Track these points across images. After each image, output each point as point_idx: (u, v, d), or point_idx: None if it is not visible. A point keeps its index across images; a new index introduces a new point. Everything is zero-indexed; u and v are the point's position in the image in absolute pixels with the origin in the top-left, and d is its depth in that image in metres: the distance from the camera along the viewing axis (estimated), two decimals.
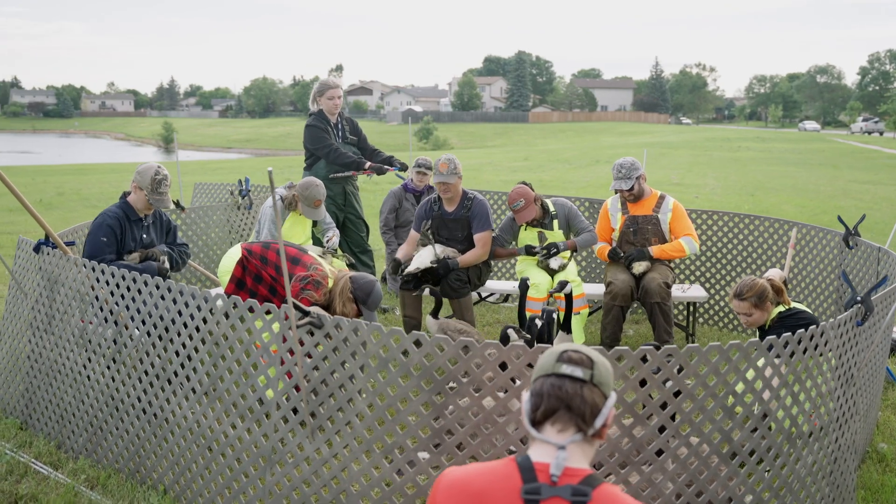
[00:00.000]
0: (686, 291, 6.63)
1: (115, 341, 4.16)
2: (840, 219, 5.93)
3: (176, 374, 3.88)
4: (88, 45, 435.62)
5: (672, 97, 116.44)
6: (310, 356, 3.43)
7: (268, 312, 3.55)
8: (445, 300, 6.07)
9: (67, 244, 4.73)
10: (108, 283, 4.17)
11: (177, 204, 6.62)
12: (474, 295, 7.02)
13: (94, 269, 4.25)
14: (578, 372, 2.04)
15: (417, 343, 3.17)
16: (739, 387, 3.34)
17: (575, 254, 6.58)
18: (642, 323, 7.30)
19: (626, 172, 6.19)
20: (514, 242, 6.56)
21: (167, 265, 5.26)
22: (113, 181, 21.18)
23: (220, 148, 74.77)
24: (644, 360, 3.16)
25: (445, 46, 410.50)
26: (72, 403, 4.43)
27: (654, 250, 6.15)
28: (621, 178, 6.20)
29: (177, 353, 3.88)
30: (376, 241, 9.49)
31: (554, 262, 6.23)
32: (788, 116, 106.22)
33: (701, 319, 7.29)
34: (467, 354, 3.11)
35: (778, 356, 3.33)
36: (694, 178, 22.93)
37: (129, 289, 4.06)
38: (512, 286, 6.93)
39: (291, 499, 3.50)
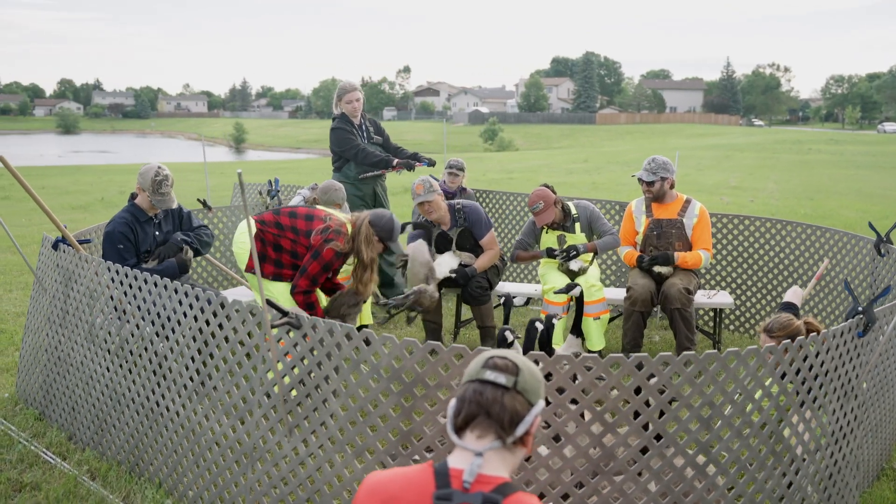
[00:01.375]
0: (712, 297, 6.47)
1: (117, 336, 4.28)
2: (871, 225, 5.71)
3: (170, 369, 3.97)
4: (165, 48, 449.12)
5: (744, 98, 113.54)
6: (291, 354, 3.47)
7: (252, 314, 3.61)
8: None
9: (83, 242, 4.89)
10: (112, 279, 4.30)
11: (203, 203, 6.76)
12: (495, 298, 6.99)
13: (100, 265, 4.38)
14: (501, 378, 2.02)
15: (386, 345, 3.18)
16: (717, 398, 3.25)
17: (597, 257, 6.50)
18: (669, 329, 7.15)
19: (654, 168, 6.09)
20: (536, 245, 6.52)
21: (190, 254, 5.35)
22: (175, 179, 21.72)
23: (289, 148, 76.12)
24: (615, 367, 3.11)
25: (513, 47, 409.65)
26: (81, 396, 4.57)
27: (678, 257, 6.04)
28: (647, 171, 6.11)
29: (171, 350, 3.97)
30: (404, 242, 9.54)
31: (574, 265, 6.16)
32: (867, 118, 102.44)
33: (732, 327, 7.11)
34: (435, 358, 3.10)
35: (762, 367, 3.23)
36: (754, 181, 22.36)
37: (130, 286, 4.17)
38: (534, 289, 6.88)
39: (270, 496, 3.54)
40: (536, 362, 3.09)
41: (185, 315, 3.86)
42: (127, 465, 4.27)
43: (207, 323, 3.77)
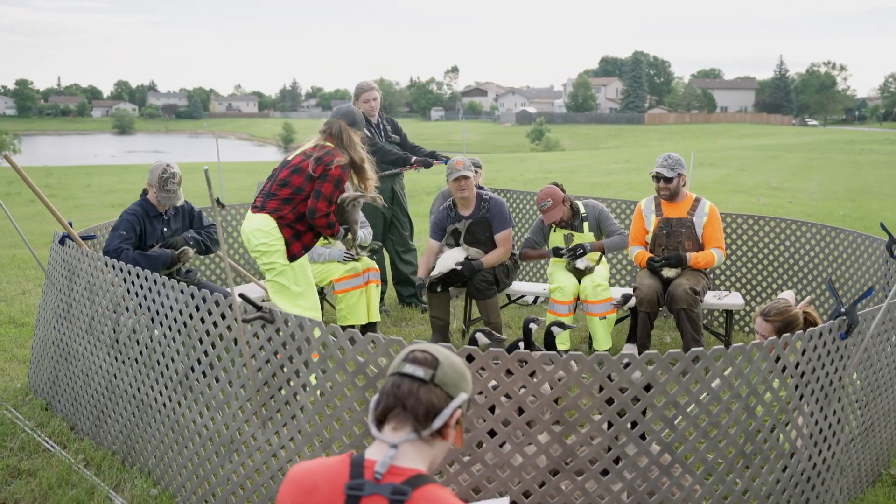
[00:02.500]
0: (723, 299, 6.38)
1: (114, 329, 4.40)
2: (883, 226, 5.57)
3: (158, 362, 4.07)
4: (217, 49, 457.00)
5: (797, 98, 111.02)
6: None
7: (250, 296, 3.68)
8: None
9: (87, 238, 5.04)
10: (108, 274, 4.42)
11: (217, 201, 6.88)
12: (504, 297, 7.00)
13: (97, 260, 4.50)
14: (419, 371, 2.05)
15: (352, 340, 3.22)
16: (683, 397, 3.22)
17: (604, 256, 6.46)
18: None
19: (672, 164, 6.08)
20: (545, 244, 6.51)
21: (191, 253, 5.47)
22: (214, 180, 22.08)
23: None
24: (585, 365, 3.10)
25: (561, 47, 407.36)
26: (82, 387, 4.71)
27: (690, 258, 5.98)
28: (665, 167, 6.09)
29: (159, 343, 4.06)
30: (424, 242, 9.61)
31: (580, 263, 6.14)
32: None
33: (747, 329, 7.00)
34: (396, 353, 3.13)
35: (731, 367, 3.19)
36: (797, 181, 21.88)
37: (125, 280, 4.29)
38: (542, 288, 6.87)
39: (245, 487, 3.61)
40: (496, 359, 3.10)
41: (171, 309, 3.96)
42: (121, 455, 4.38)
43: (191, 317, 3.85)
